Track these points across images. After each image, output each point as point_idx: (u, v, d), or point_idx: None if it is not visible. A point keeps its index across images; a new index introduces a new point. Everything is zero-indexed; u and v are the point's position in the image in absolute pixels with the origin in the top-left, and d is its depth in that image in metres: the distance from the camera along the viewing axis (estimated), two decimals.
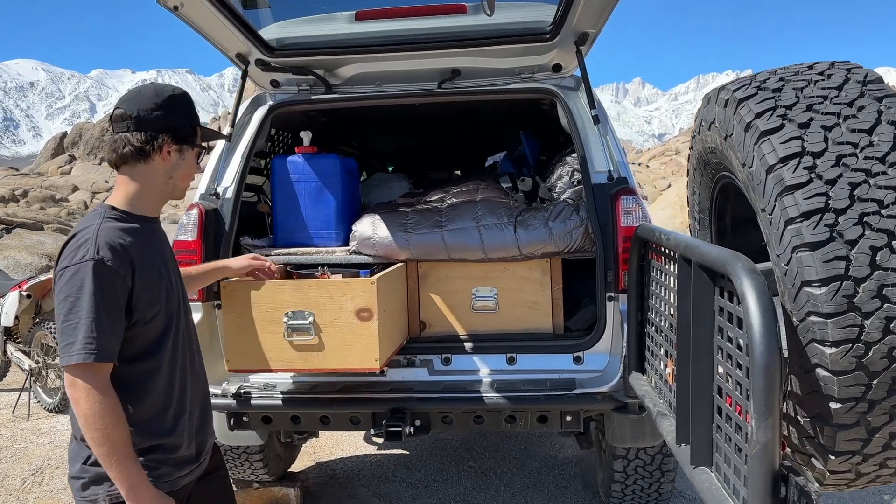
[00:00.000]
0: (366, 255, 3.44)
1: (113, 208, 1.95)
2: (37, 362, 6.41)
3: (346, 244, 3.56)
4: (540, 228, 3.26)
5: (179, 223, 3.40)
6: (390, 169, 6.72)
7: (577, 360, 3.26)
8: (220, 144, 3.57)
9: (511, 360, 3.31)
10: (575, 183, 3.49)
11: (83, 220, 1.95)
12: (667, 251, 2.27)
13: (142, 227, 1.98)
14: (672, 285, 2.28)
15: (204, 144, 2.13)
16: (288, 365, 2.90)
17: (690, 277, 1.93)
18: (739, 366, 1.71)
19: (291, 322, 2.85)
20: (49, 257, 13.69)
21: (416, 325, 3.45)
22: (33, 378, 6.41)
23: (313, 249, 3.54)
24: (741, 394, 1.70)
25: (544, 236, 3.26)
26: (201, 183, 3.54)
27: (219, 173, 3.51)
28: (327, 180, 3.62)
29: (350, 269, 3.35)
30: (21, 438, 5.68)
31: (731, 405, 1.80)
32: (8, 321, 6.65)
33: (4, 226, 6.90)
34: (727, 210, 2.31)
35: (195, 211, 3.37)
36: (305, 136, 3.73)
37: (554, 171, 3.66)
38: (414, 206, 3.56)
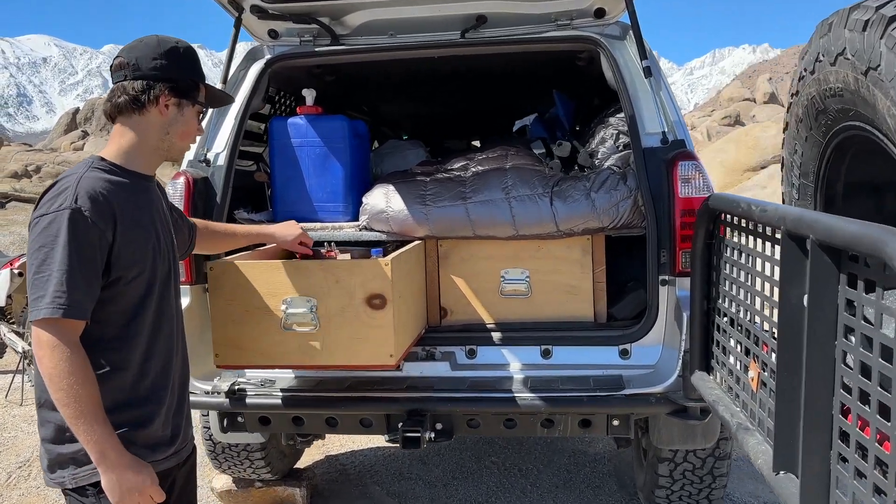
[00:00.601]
0: (378, 231, 2.99)
1: (102, 159, 1.82)
2: (31, 344, 6.06)
3: (356, 219, 3.11)
4: (581, 200, 2.80)
5: None
6: (404, 138, 6.24)
7: (624, 353, 2.81)
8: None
9: (546, 353, 2.86)
10: (621, 147, 3.01)
11: (69, 169, 1.82)
12: (759, 227, 1.80)
13: (132, 182, 1.84)
14: (763, 270, 1.82)
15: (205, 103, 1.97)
16: (286, 361, 2.47)
17: (806, 261, 1.46)
18: (886, 382, 1.25)
19: (290, 310, 2.41)
20: None
21: (437, 311, 3.01)
22: (27, 361, 6.05)
23: (318, 224, 3.10)
24: (890, 421, 1.24)
25: (586, 209, 2.79)
26: None
27: (209, 137, 3.06)
28: (334, 145, 3.16)
29: (360, 248, 2.91)
30: (12, 426, 5.32)
31: (864, 430, 1.35)
32: (0, 301, 6.29)
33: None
34: (841, 173, 1.82)
35: (181, 180, 2.93)
36: (308, 95, 3.26)
37: (595, 135, 3.18)
38: (433, 176, 3.10)
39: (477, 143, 5.61)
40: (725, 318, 2.18)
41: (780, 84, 57.86)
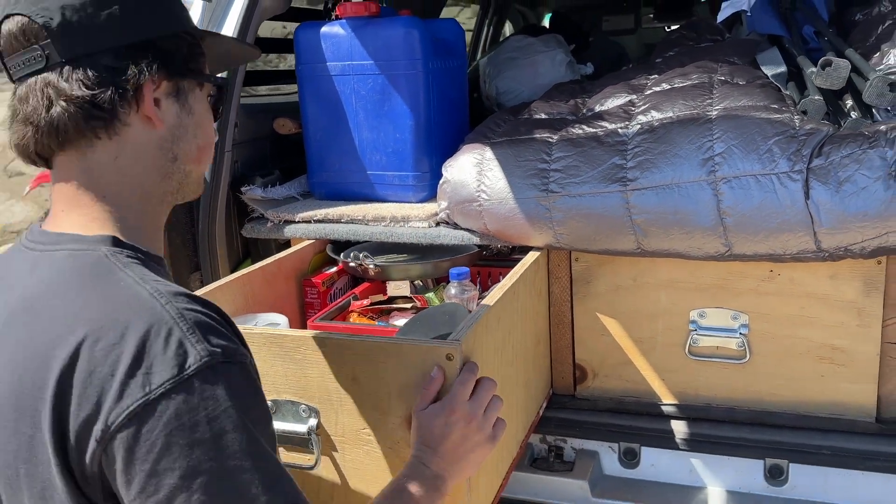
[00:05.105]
0: (465, 230, 1.70)
1: (118, 242, 0.84)
2: None
3: (435, 195, 1.83)
4: (872, 187, 1.34)
5: None
6: (546, 21, 4.47)
7: None
8: (195, 6, 1.89)
9: (775, 474, 1.51)
10: None
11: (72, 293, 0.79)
12: None
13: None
14: None
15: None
16: None
17: None
18: None
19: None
20: None
21: (567, 371, 1.71)
22: None
23: (370, 209, 1.84)
24: None
25: (881, 207, 1.34)
26: None
27: None
28: (398, 71, 1.85)
29: (429, 261, 1.64)
30: None
31: None
32: None
33: None
34: None
35: None
36: None
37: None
38: (566, 128, 1.70)
39: (671, 26, 3.82)
40: None
41: None
